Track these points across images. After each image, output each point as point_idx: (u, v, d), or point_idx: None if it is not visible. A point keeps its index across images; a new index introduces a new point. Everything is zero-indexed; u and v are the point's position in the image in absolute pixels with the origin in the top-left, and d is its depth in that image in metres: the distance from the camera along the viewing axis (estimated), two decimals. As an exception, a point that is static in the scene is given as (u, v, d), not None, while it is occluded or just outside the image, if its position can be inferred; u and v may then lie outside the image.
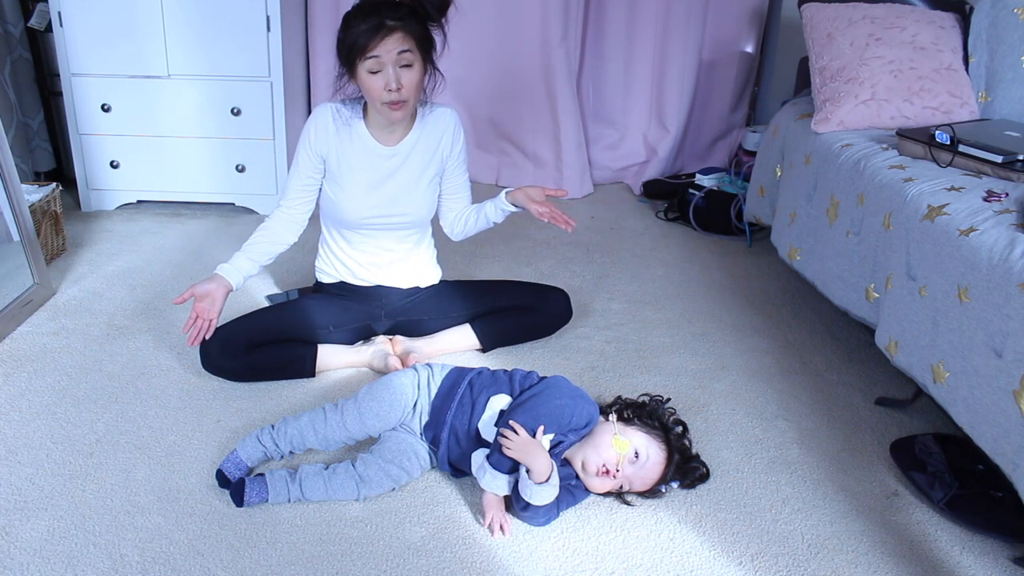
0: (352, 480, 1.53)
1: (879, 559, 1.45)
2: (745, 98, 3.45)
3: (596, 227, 2.97)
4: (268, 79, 2.72)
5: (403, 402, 1.62)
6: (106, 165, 2.83)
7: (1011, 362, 1.34)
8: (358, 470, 1.55)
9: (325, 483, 1.53)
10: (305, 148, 1.92)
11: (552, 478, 1.47)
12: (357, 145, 1.90)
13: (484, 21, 3.19)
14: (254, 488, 1.52)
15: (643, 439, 1.56)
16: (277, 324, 1.97)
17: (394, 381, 1.65)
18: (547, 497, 1.46)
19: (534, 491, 1.45)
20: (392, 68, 1.74)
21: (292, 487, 1.52)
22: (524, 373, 1.69)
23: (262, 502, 1.52)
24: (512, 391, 1.63)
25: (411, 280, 2.05)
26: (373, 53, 1.72)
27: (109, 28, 2.63)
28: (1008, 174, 1.74)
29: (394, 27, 1.71)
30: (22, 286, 2.19)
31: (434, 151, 1.95)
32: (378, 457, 1.57)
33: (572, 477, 1.56)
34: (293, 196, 1.96)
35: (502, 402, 1.61)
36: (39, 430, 1.72)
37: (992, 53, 2.15)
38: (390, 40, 1.72)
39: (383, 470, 1.55)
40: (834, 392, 1.96)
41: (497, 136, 3.37)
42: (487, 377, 1.68)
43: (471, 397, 1.63)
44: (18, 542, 1.42)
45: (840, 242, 1.96)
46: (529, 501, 1.46)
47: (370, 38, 1.71)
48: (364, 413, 1.61)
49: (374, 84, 1.76)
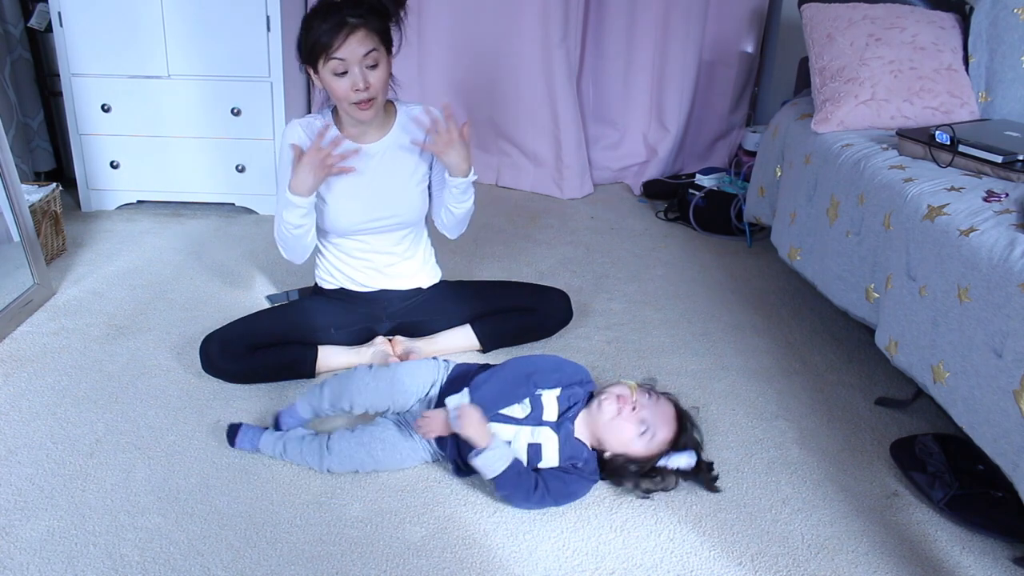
0: (320, 450, 1.61)
1: (879, 559, 1.46)
2: (745, 98, 3.45)
3: (596, 227, 2.97)
4: (268, 79, 2.72)
5: (431, 378, 1.71)
6: (106, 165, 2.83)
7: (1011, 362, 1.34)
8: (329, 442, 1.61)
9: (299, 447, 1.62)
10: (290, 167, 1.86)
11: (493, 444, 1.51)
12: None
13: (484, 21, 3.18)
14: (247, 435, 1.66)
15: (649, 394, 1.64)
16: (278, 326, 1.97)
17: (423, 363, 1.76)
18: (495, 464, 1.50)
19: (481, 462, 1.50)
20: (359, 69, 1.72)
21: (277, 444, 1.64)
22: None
23: (253, 449, 1.65)
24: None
25: (411, 282, 2.05)
26: (338, 55, 1.70)
27: (109, 28, 2.63)
28: (1008, 174, 1.74)
29: (356, 25, 1.69)
30: (22, 286, 2.19)
31: (418, 149, 1.92)
32: (351, 438, 1.62)
33: (580, 458, 1.57)
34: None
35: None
36: (39, 430, 1.72)
37: (992, 53, 2.15)
38: (353, 40, 1.70)
39: (349, 450, 1.60)
40: (834, 392, 1.96)
41: (497, 136, 3.37)
42: (487, 373, 1.69)
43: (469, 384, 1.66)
44: (18, 542, 1.42)
45: (840, 242, 1.96)
46: (484, 474, 1.51)
47: (332, 36, 1.69)
48: (396, 384, 1.69)
49: (340, 85, 1.74)
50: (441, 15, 3.19)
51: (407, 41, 1.86)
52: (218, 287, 2.39)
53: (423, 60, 3.29)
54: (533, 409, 1.59)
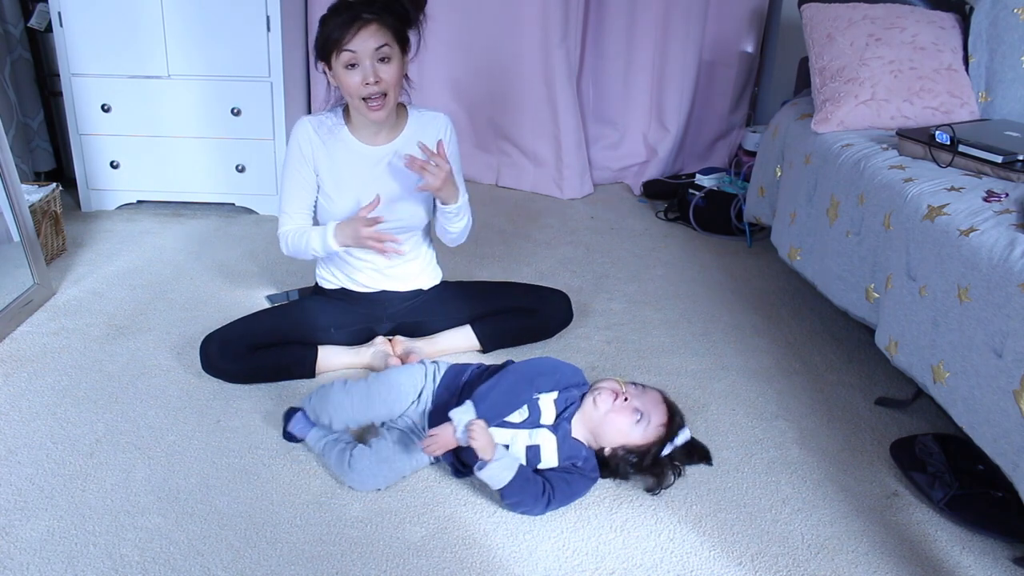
0: (341, 466, 1.60)
1: (879, 559, 1.46)
2: (745, 98, 3.45)
3: (596, 227, 2.97)
4: (268, 79, 2.72)
5: (413, 385, 1.68)
6: (106, 165, 2.83)
7: (1011, 362, 1.34)
8: (351, 460, 1.59)
9: (331, 454, 1.62)
10: (298, 164, 1.89)
11: (498, 454, 1.50)
12: (344, 152, 1.89)
13: (484, 21, 3.19)
14: (299, 424, 1.67)
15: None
16: (278, 327, 1.97)
17: (403, 370, 1.73)
18: (501, 475, 1.49)
19: (487, 474, 1.50)
20: (370, 62, 1.73)
21: (319, 442, 1.65)
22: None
23: (301, 438, 1.67)
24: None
25: (412, 283, 2.05)
26: (349, 47, 1.71)
27: (109, 28, 2.63)
28: (1008, 174, 1.74)
29: (369, 19, 1.71)
30: (22, 286, 2.19)
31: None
32: (375, 454, 1.59)
33: (579, 457, 1.57)
34: (298, 213, 1.94)
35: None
36: (39, 430, 1.72)
37: (992, 53, 2.15)
38: (365, 33, 1.71)
39: (371, 468, 1.58)
40: (834, 392, 1.96)
41: (497, 136, 3.37)
42: (485, 373, 1.69)
43: (470, 392, 1.64)
44: (18, 542, 1.42)
45: (840, 242, 1.96)
46: (492, 485, 1.50)
47: (344, 31, 1.71)
48: (372, 397, 1.66)
49: (351, 80, 1.75)
50: (441, 15, 3.19)
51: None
52: (218, 287, 2.39)
53: (423, 60, 3.27)
54: (531, 413, 1.58)
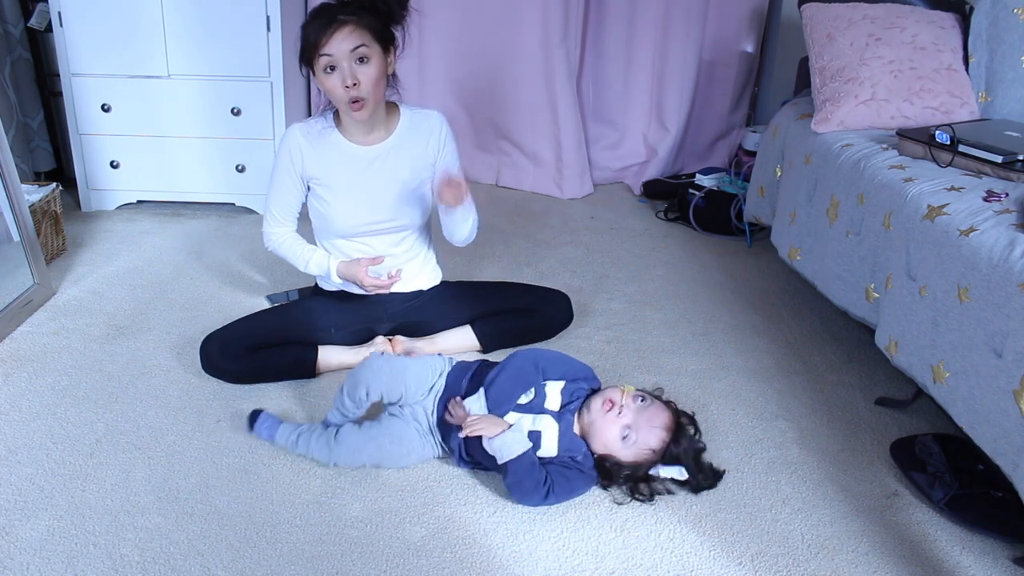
0: (328, 443, 1.61)
1: (879, 559, 1.46)
2: (745, 98, 3.45)
3: (596, 227, 2.97)
4: (268, 79, 2.72)
5: (436, 370, 1.70)
6: (106, 165, 2.83)
7: (1011, 362, 1.34)
8: (337, 435, 1.61)
9: (309, 440, 1.63)
10: (285, 172, 1.91)
11: (507, 431, 1.52)
12: (335, 154, 1.89)
13: (484, 22, 3.19)
14: (265, 424, 1.67)
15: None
16: (279, 327, 1.97)
17: (428, 356, 1.77)
18: (513, 446, 1.50)
19: (499, 442, 1.51)
20: (347, 64, 1.72)
21: (291, 436, 1.64)
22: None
23: (269, 439, 1.67)
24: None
25: (412, 284, 2.04)
26: (325, 51, 1.71)
27: (109, 28, 2.63)
28: (1008, 174, 1.74)
29: (345, 21, 1.70)
30: (22, 286, 2.19)
31: (420, 154, 1.93)
32: (359, 432, 1.61)
33: (578, 452, 1.57)
34: (283, 216, 1.97)
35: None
36: (39, 430, 1.72)
37: (992, 53, 2.15)
38: (340, 35, 1.70)
39: (357, 443, 1.60)
40: (834, 392, 1.96)
41: (497, 136, 3.37)
42: (488, 369, 1.70)
43: (476, 383, 1.67)
44: (18, 542, 1.42)
45: (840, 242, 1.96)
46: (500, 455, 1.51)
47: (320, 34, 1.70)
48: (407, 369, 1.67)
49: (332, 83, 1.75)
50: (441, 15, 3.19)
51: (407, 40, 1.87)
52: (218, 287, 2.39)
53: (423, 60, 3.29)
54: (536, 396, 1.60)
